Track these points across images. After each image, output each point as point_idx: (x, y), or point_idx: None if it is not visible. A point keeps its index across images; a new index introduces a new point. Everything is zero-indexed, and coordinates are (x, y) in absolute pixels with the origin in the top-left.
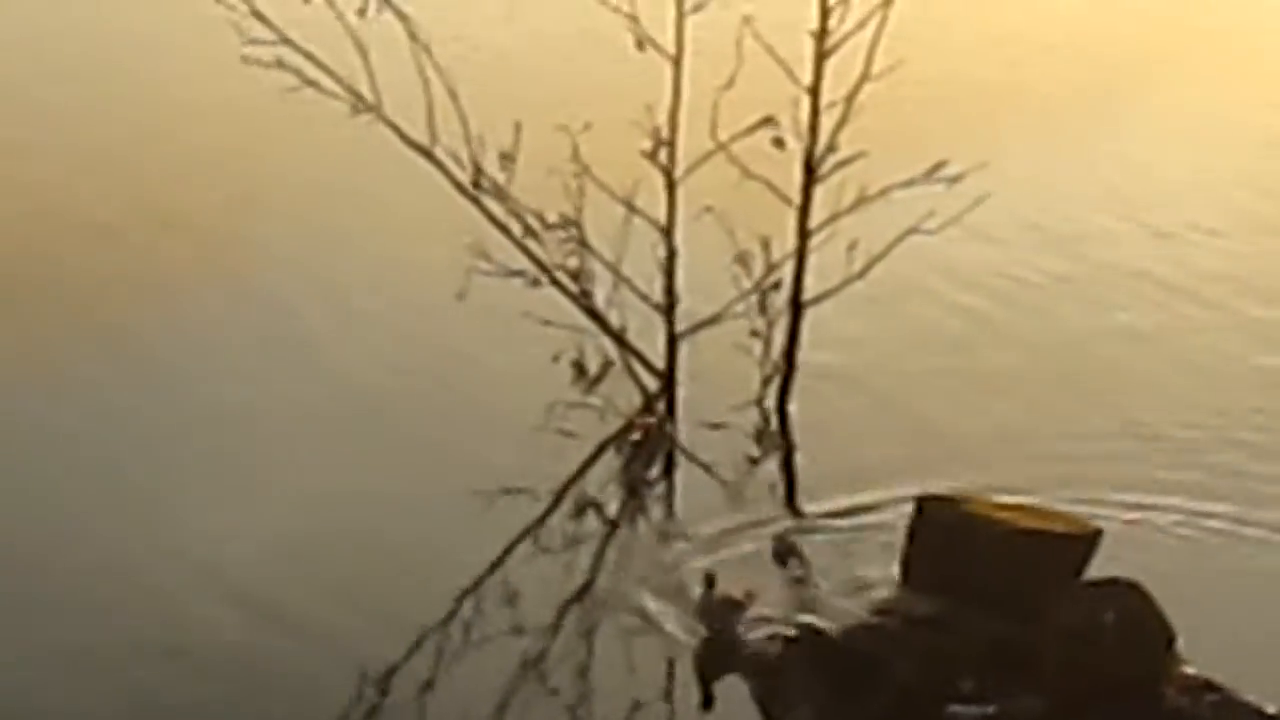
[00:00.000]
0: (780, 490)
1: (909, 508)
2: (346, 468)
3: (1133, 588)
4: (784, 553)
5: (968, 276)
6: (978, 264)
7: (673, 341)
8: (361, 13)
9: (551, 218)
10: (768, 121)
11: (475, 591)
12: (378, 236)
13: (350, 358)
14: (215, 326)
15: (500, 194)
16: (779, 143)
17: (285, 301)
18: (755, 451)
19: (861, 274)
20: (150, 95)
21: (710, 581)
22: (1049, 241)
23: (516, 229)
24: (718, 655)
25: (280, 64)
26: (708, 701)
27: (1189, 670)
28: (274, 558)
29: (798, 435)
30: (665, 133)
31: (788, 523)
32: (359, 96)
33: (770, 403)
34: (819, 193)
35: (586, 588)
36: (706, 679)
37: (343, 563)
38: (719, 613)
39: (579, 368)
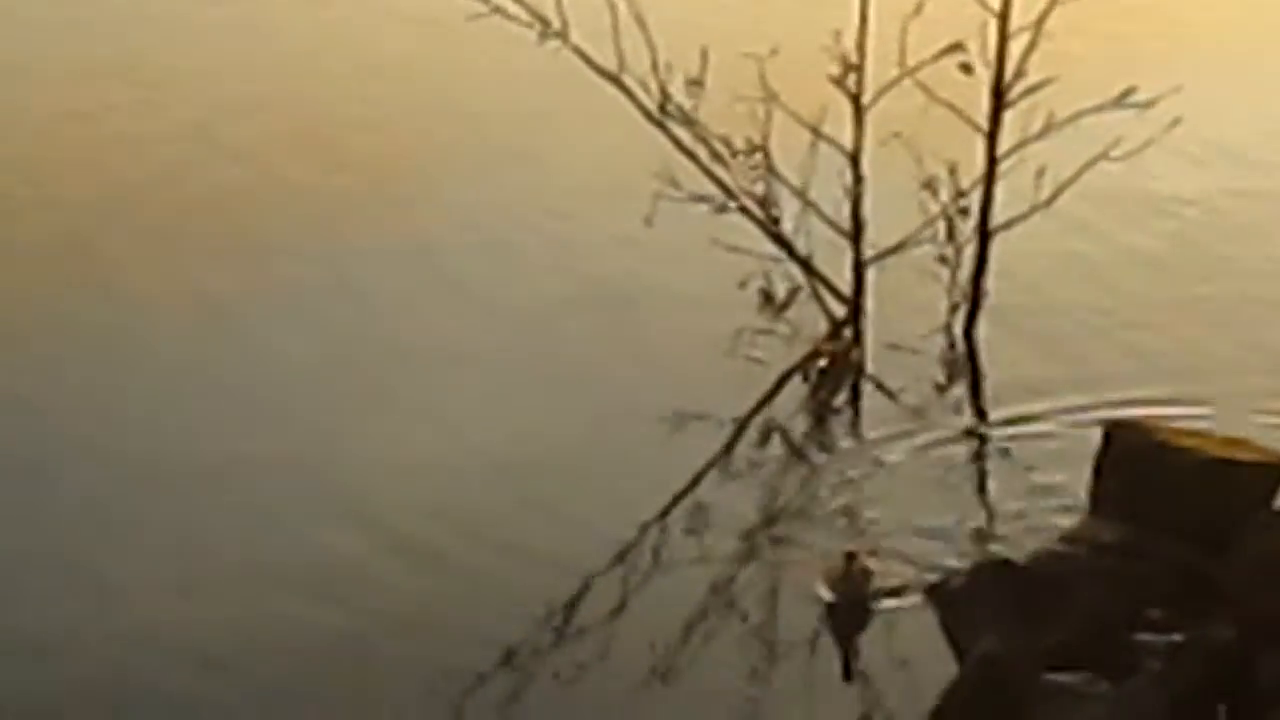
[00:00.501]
0: (966, 412)
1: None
2: (535, 394)
3: None
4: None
5: (1158, 204)
6: (1169, 190)
7: (860, 268)
8: None
9: (739, 144)
10: (956, 47)
11: (662, 518)
12: (565, 163)
13: (538, 284)
14: (393, 256)
15: (687, 120)
16: (967, 68)
17: (472, 226)
18: (942, 378)
19: (1049, 201)
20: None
21: (850, 556)
22: (1241, 167)
23: (704, 155)
24: (852, 622)
25: None
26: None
27: None
28: (469, 486)
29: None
30: (853, 58)
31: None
32: (545, 23)
33: (957, 329)
34: (1007, 119)
35: (773, 514)
36: (845, 648)
37: (533, 487)
38: (855, 582)
39: (766, 294)
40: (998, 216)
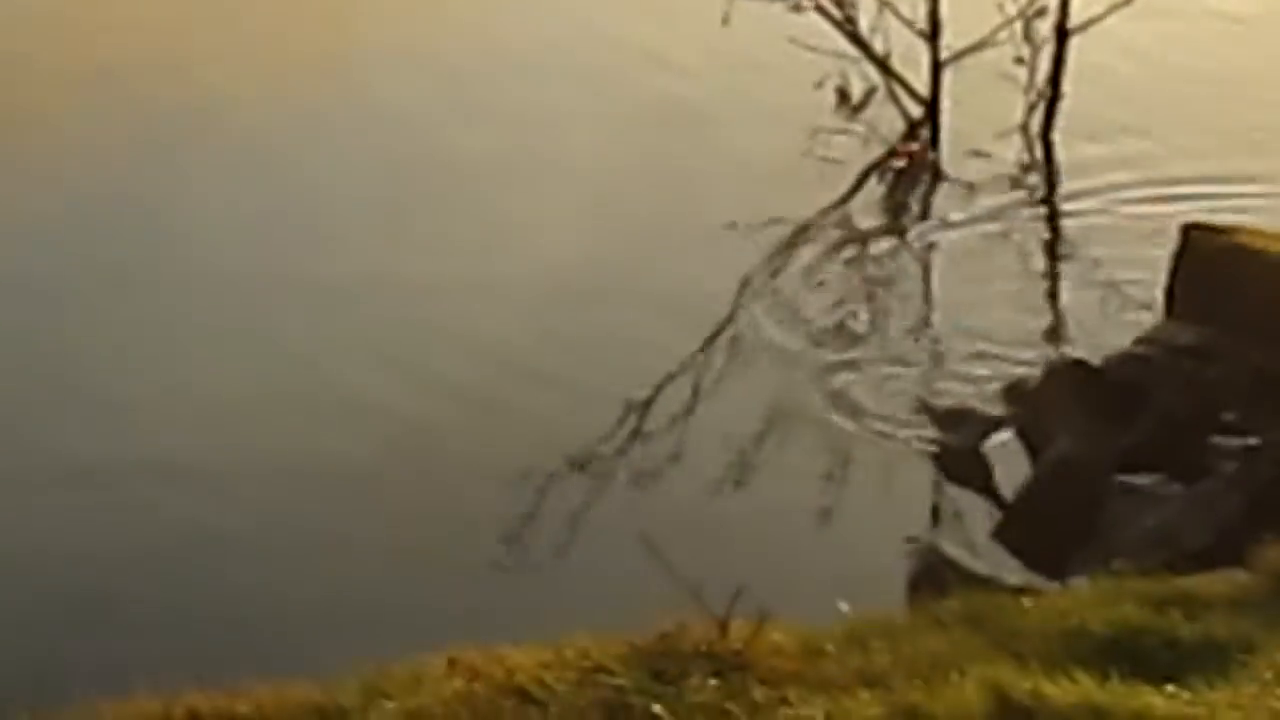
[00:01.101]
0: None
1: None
2: (604, 202)
3: None
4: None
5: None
6: None
7: (937, 68)
8: None
9: None
10: None
11: (731, 324)
12: None
13: (610, 86)
14: (456, 75)
15: None
16: None
17: (543, 37)
18: (1020, 179)
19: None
20: None
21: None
22: None
23: None
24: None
25: None
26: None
27: None
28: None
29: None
30: None
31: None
32: None
33: (1035, 130)
34: None
35: (849, 316)
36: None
37: (599, 299)
38: (949, 422)
39: (842, 94)
40: (1075, 16)
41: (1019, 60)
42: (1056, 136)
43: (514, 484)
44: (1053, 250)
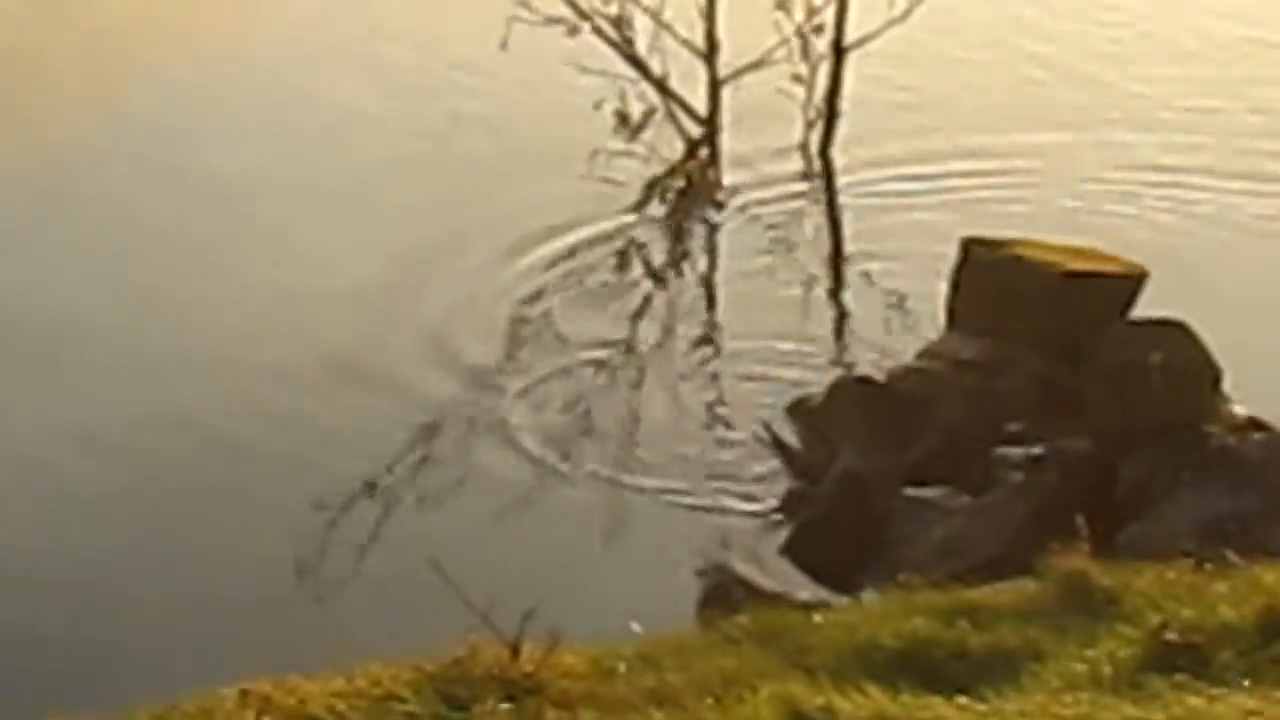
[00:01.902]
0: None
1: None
2: (391, 220)
3: (1179, 327)
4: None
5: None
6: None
7: (715, 87)
8: None
9: None
10: None
11: (519, 336)
12: None
13: (395, 106)
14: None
15: None
16: None
17: (317, 55)
18: (799, 196)
19: (903, 17)
20: None
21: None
22: None
23: None
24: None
25: None
26: None
27: (1235, 409)
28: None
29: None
30: None
31: None
32: None
33: (814, 146)
34: None
35: (631, 333)
36: None
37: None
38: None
39: (621, 116)
40: (851, 33)
41: (796, 78)
42: (835, 151)
43: (301, 516)
44: (835, 265)
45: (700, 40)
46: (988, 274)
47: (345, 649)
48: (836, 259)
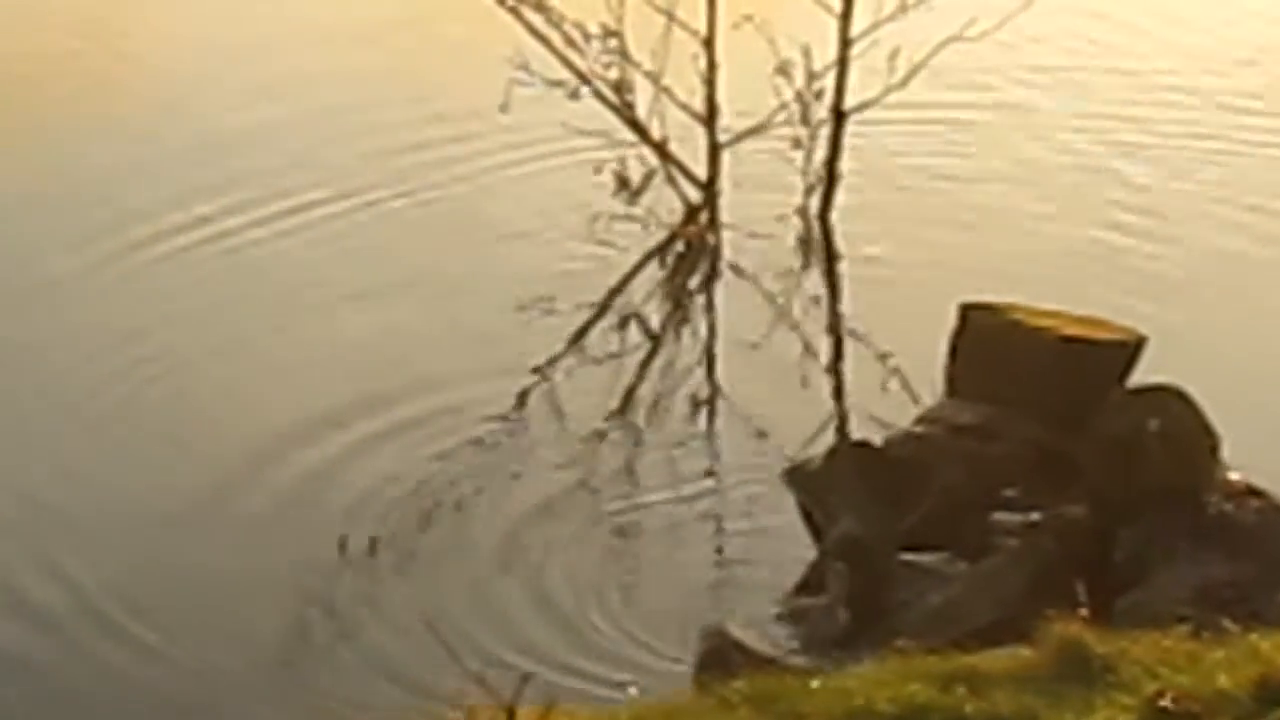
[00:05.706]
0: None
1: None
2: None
3: (1177, 394)
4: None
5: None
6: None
7: (715, 151)
8: None
9: (593, 29)
10: None
11: (522, 403)
12: (418, 49)
13: (383, 179)
14: None
15: (540, 5)
16: None
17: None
18: (798, 262)
19: (903, 82)
20: None
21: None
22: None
23: (557, 40)
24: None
25: None
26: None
27: (1233, 476)
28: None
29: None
30: None
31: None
32: None
33: (813, 212)
34: (860, 0)
35: (630, 398)
36: None
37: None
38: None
39: (621, 179)
40: (851, 99)
41: (796, 143)
42: (834, 216)
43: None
44: (834, 330)
45: (700, 104)
46: (985, 339)
47: (341, 712)
48: (834, 323)
